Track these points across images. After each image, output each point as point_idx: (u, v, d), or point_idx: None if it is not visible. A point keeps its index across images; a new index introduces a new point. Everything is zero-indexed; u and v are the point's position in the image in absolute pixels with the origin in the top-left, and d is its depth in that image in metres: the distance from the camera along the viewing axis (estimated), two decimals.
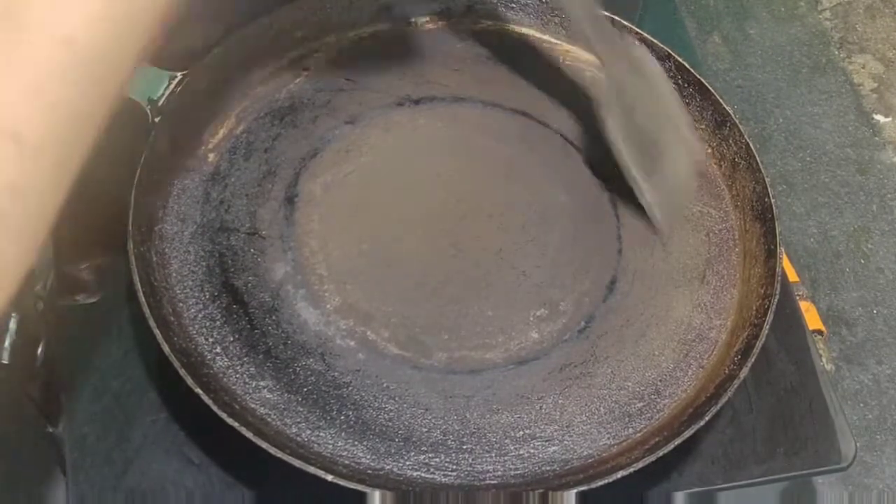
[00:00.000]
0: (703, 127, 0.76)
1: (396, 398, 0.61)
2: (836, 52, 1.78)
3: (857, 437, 0.77)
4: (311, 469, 0.54)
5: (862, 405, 1.43)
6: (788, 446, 0.66)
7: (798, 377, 0.69)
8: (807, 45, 1.80)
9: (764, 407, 0.67)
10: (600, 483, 0.55)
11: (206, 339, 0.61)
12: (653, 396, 0.63)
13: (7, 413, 0.64)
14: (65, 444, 0.61)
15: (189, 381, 0.55)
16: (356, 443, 0.58)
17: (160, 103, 0.67)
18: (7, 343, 0.61)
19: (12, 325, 0.61)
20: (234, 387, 0.59)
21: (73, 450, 0.61)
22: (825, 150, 1.68)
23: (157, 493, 0.60)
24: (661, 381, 0.64)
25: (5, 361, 0.61)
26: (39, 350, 0.65)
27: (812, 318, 1.06)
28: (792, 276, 0.96)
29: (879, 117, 1.71)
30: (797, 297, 0.75)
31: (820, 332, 1.18)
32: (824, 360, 0.73)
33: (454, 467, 0.58)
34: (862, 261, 1.56)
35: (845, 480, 1.31)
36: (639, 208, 0.71)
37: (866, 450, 1.38)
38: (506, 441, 0.60)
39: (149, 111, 0.67)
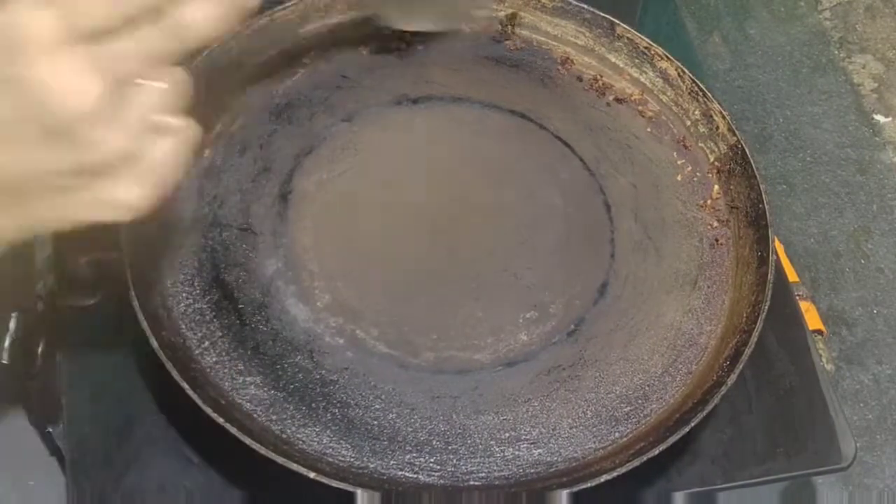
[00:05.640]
0: (700, 131, 0.75)
1: (383, 397, 0.61)
2: (836, 52, 1.78)
3: (857, 437, 0.77)
4: (294, 466, 0.54)
5: (862, 405, 1.43)
6: (788, 446, 0.66)
7: (798, 377, 0.69)
8: (807, 45, 1.79)
9: (764, 407, 0.67)
10: (583, 486, 0.56)
11: (195, 334, 0.61)
12: (640, 401, 0.63)
13: (7, 413, 0.65)
14: (65, 445, 0.62)
15: (175, 375, 0.55)
16: (341, 441, 0.59)
17: None
18: (7, 343, 0.61)
19: (12, 325, 0.62)
20: (221, 382, 0.59)
21: (73, 450, 0.61)
22: (825, 150, 1.67)
23: (156, 493, 0.60)
24: (648, 385, 0.64)
25: (5, 361, 0.61)
26: (39, 350, 0.65)
27: (812, 318, 1.06)
28: (792, 276, 0.96)
29: (879, 117, 1.71)
30: (797, 297, 0.75)
31: (820, 332, 1.18)
32: (824, 360, 0.73)
33: (439, 468, 0.59)
34: (862, 261, 1.56)
35: (845, 480, 1.31)
36: (634, 210, 0.72)
37: (866, 450, 1.38)
38: (491, 442, 0.60)
39: None
